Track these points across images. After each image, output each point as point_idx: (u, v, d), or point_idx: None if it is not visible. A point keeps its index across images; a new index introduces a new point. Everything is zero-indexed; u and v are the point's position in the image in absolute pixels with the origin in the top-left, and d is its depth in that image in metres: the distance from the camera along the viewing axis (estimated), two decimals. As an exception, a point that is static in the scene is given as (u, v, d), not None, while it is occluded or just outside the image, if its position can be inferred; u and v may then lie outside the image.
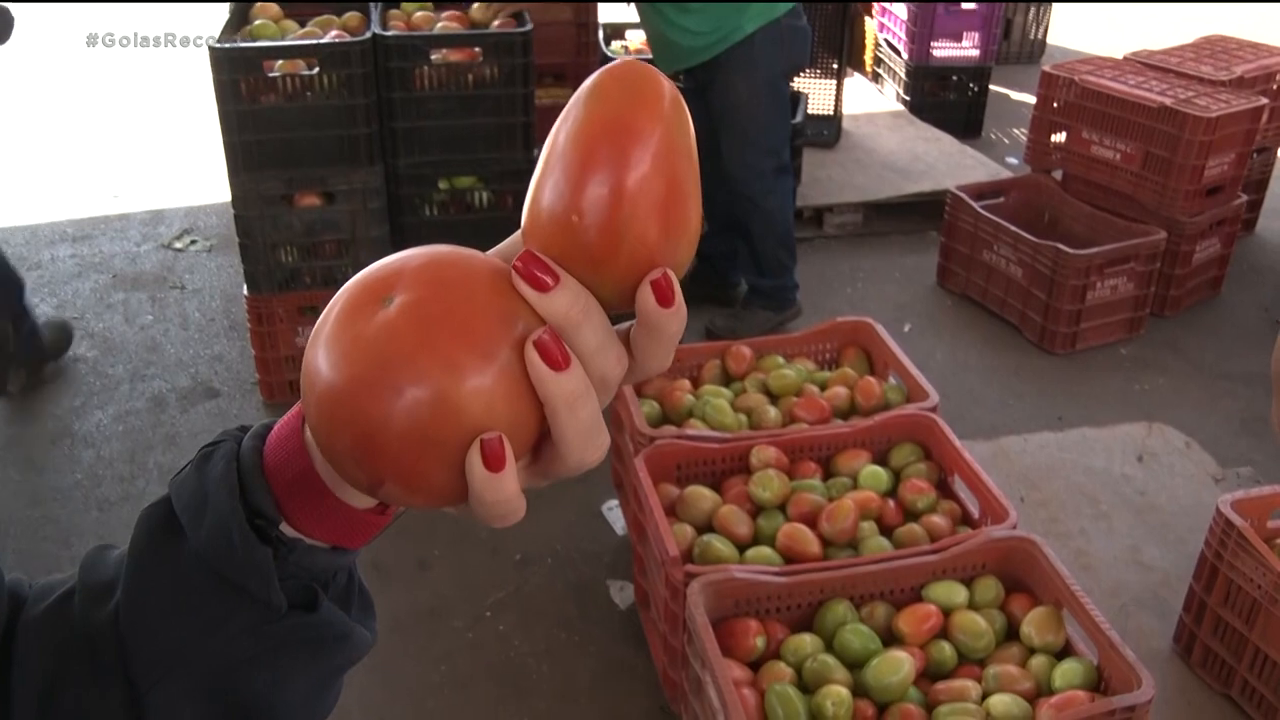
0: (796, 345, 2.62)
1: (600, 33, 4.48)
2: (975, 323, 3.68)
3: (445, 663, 2.32)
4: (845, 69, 4.80)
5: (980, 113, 5.35)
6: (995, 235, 3.60)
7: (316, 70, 2.79)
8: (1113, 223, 3.60)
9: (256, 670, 0.55)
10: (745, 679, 1.78)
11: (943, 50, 5.23)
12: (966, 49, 5.22)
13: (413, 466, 0.47)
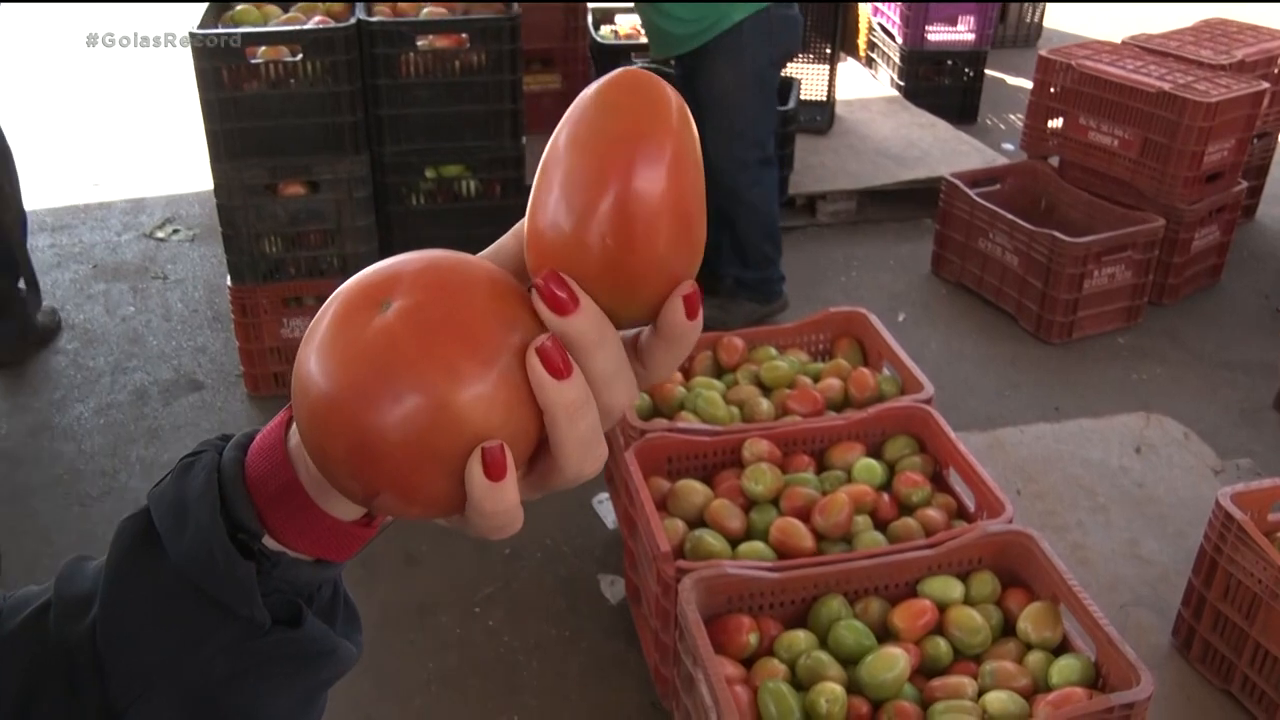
0: (789, 336, 2.62)
1: (589, 17, 4.48)
2: (970, 312, 3.68)
3: (433, 659, 2.31)
4: (838, 54, 4.79)
5: (976, 98, 5.35)
6: (991, 223, 3.60)
7: (300, 57, 2.77)
8: (1110, 210, 3.60)
9: (239, 687, 0.54)
10: (738, 676, 1.78)
11: (938, 34, 5.22)
12: (962, 33, 5.21)
13: (411, 476, 0.46)
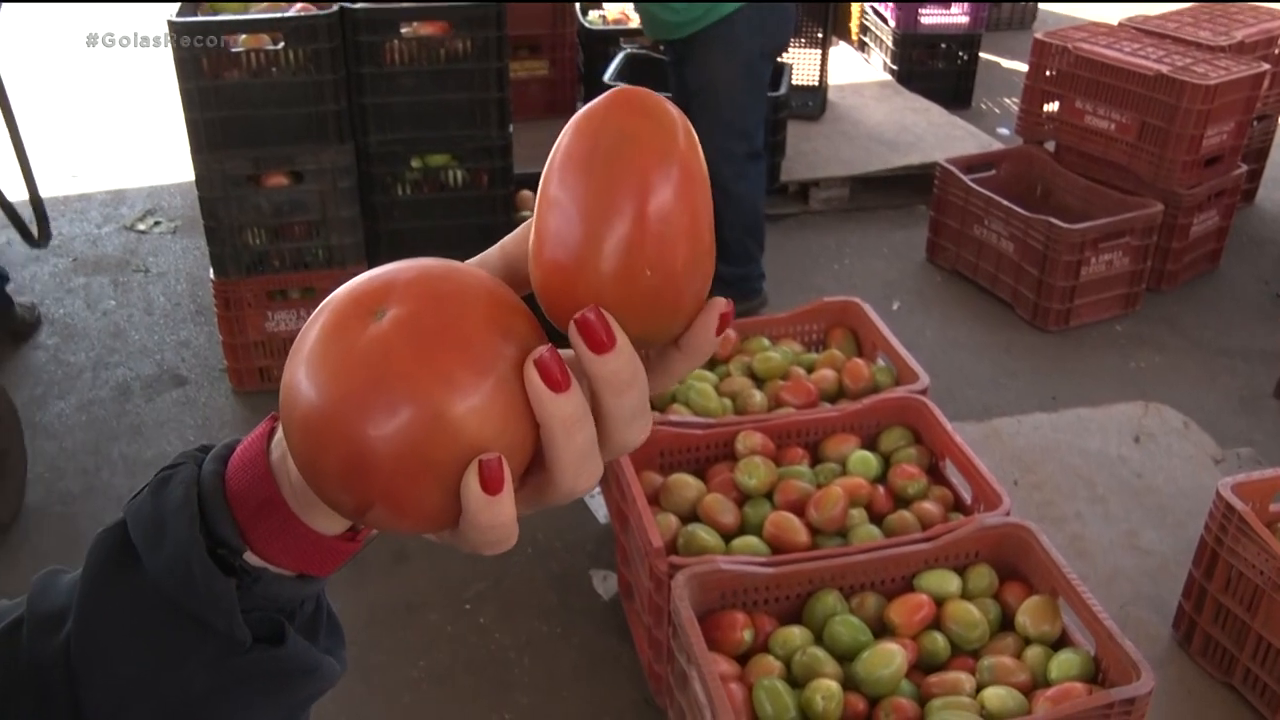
0: (782, 326, 2.61)
1: (577, 2, 4.47)
2: (966, 300, 3.68)
3: (424, 657, 2.31)
4: (830, 38, 4.78)
5: (970, 82, 5.34)
6: (986, 209, 3.59)
7: (282, 45, 2.76)
8: (1107, 195, 3.60)
9: (218, 706, 0.53)
10: (732, 673, 1.78)
11: (931, 17, 5.21)
12: (955, 16, 5.20)
13: (405, 489, 0.45)
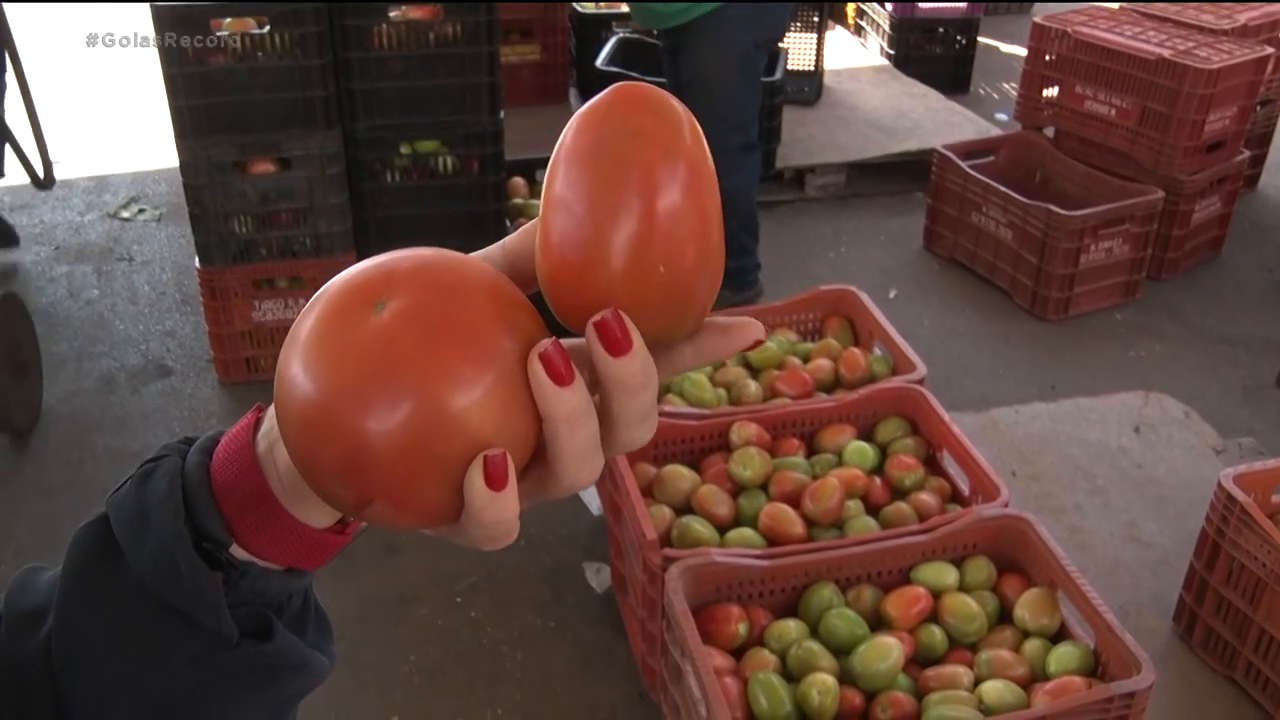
0: (778, 315, 2.61)
1: (569, -14, 4.45)
2: (964, 288, 3.68)
3: (415, 651, 2.31)
4: (826, 22, 4.77)
5: (968, 67, 5.34)
6: (984, 196, 3.59)
7: (267, 29, 2.75)
8: (1108, 182, 3.60)
9: (204, 704, 0.53)
10: (727, 667, 1.78)
11: (929, 1, 5.20)
12: (954, -1, 5.20)
13: (406, 485, 0.45)
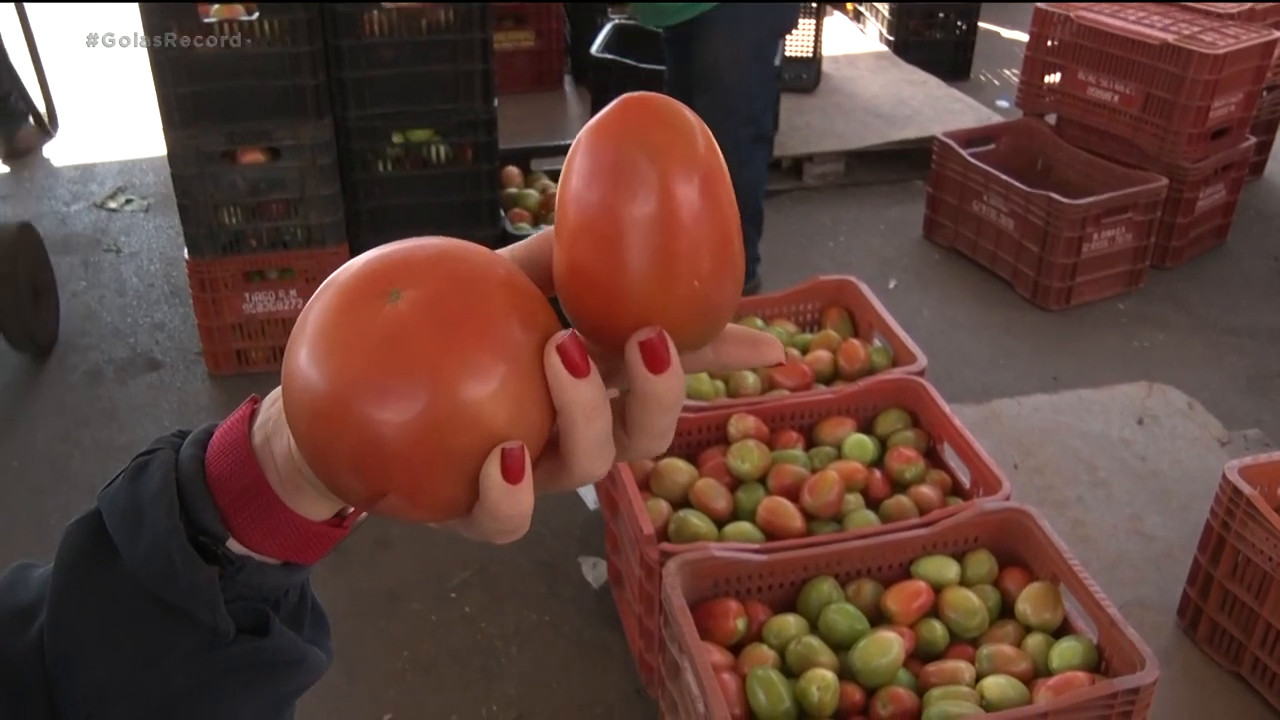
0: (776, 306, 2.61)
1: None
2: (964, 278, 3.68)
3: (407, 647, 2.31)
4: (824, 7, 4.76)
5: (969, 53, 5.33)
6: (985, 184, 3.59)
7: (256, 16, 2.74)
8: (1110, 169, 3.60)
9: (201, 702, 0.53)
10: (725, 663, 1.78)
11: (929, -14, 5.20)
12: (955, -16, 5.19)
13: (422, 478, 0.45)
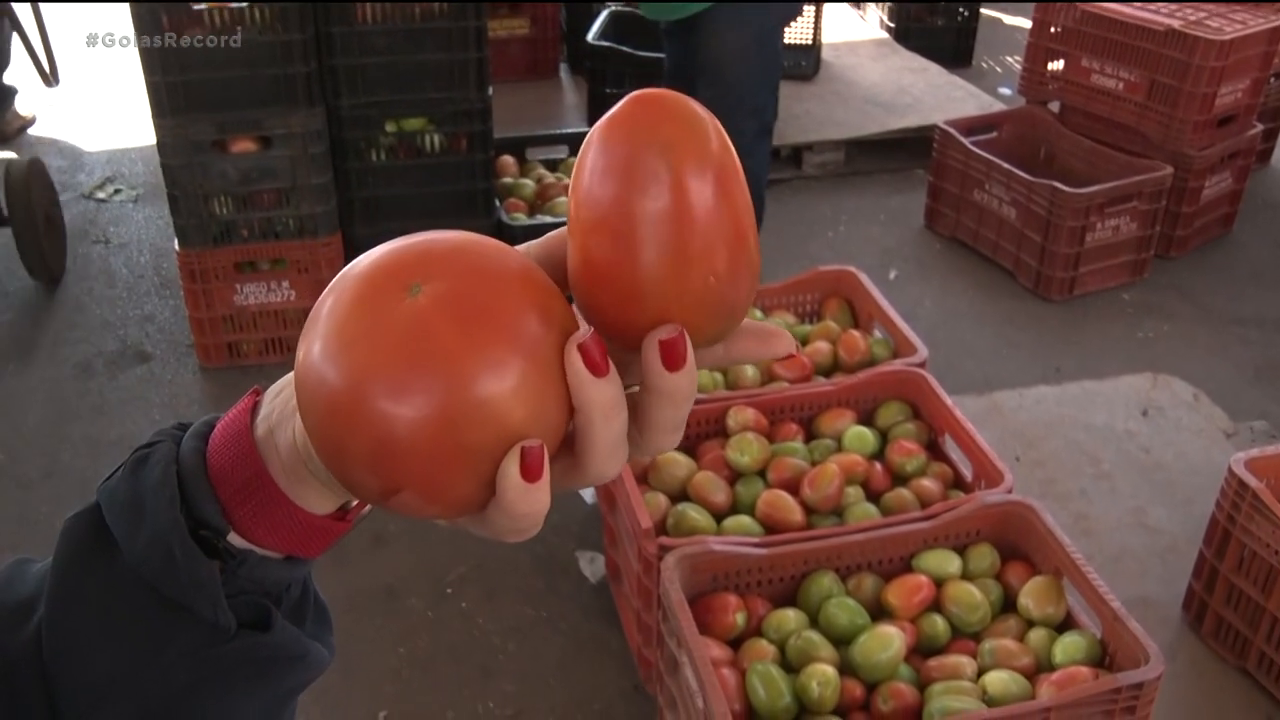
0: (775, 297, 2.61)
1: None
2: (966, 268, 3.68)
3: (404, 644, 2.31)
4: (825, -7, 4.76)
5: (970, 39, 5.33)
6: (987, 173, 3.59)
7: (247, 3, 2.73)
8: (1114, 158, 3.60)
9: (202, 698, 0.53)
10: (725, 658, 1.78)
11: (931, -28, 5.19)
12: (956, -30, 5.19)
13: (438, 474, 0.45)
